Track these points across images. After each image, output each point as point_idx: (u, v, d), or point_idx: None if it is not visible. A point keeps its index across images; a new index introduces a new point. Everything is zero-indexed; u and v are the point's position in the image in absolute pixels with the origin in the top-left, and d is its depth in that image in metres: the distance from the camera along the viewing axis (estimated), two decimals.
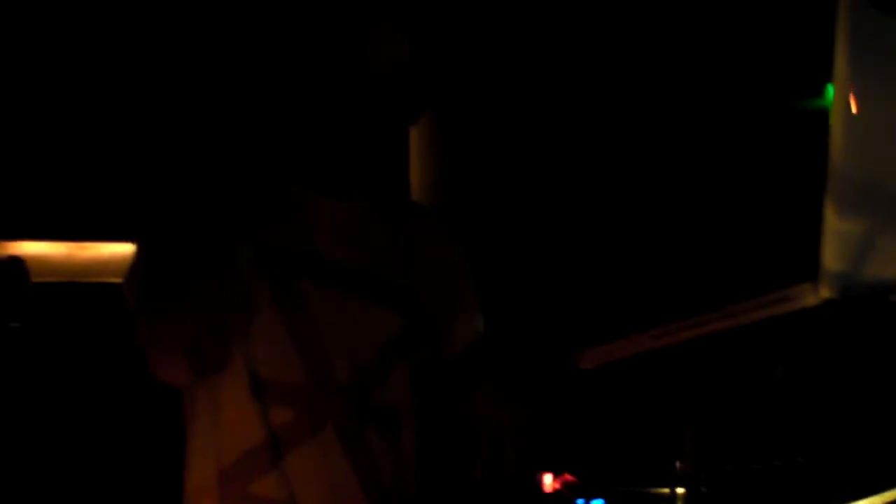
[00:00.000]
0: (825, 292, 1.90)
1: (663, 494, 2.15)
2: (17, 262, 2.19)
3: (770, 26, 3.01)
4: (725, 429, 2.30)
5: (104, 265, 3.11)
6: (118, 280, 3.48)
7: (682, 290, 1.97)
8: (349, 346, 2.22)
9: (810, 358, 2.24)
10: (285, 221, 2.22)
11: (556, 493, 2.21)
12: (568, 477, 2.25)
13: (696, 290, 1.97)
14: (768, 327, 1.98)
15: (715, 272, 1.96)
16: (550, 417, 2.50)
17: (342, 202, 2.26)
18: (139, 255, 2.13)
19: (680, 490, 2.12)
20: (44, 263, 3.00)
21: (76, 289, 3.04)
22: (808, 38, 2.96)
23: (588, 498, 1.99)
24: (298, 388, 2.18)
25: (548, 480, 2.22)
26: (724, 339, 2.05)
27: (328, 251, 2.23)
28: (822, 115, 1.98)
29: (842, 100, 1.96)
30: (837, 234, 1.90)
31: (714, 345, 2.07)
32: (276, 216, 2.21)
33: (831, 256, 1.91)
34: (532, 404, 2.43)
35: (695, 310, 2.01)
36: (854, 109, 1.97)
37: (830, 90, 3.03)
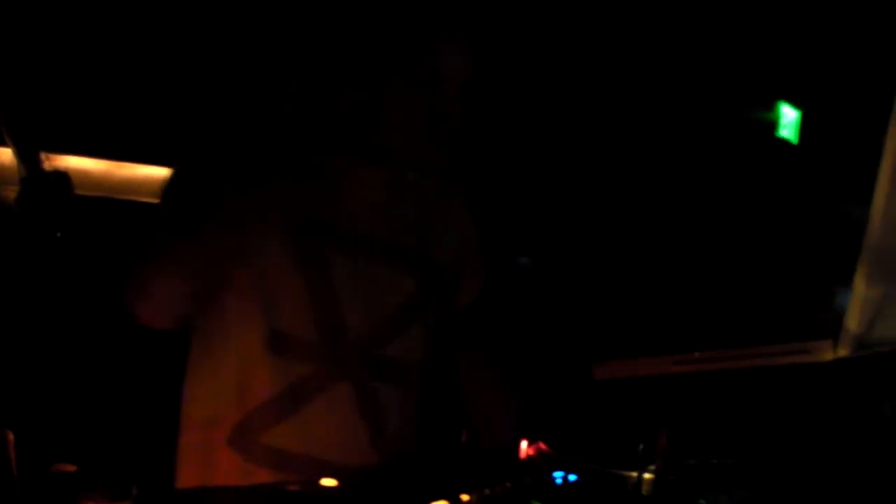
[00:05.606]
0: (842, 351, 1.97)
1: (631, 477, 2.17)
2: (61, 174, 2.28)
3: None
4: (697, 430, 2.36)
5: (138, 185, 3.23)
6: (148, 199, 3.60)
7: (705, 324, 2.04)
8: (365, 307, 2.34)
9: (810, 403, 2.31)
10: (318, 190, 2.31)
11: (528, 459, 2.26)
12: (542, 446, 2.29)
13: (717, 325, 2.03)
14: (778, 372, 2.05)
15: (740, 313, 2.03)
16: (538, 396, 2.58)
17: (373, 169, 2.35)
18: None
19: (647, 475, 2.16)
20: (85, 177, 3.11)
21: (111, 204, 3.16)
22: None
23: (566, 471, 2.05)
24: (315, 344, 2.29)
25: (523, 446, 2.28)
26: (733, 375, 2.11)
27: (354, 221, 2.34)
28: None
29: (889, 172, 2.02)
30: (864, 299, 1.96)
31: (717, 376, 2.13)
32: (310, 185, 2.30)
33: (855, 319, 1.98)
34: (522, 386, 2.52)
35: (711, 343, 2.06)
36: None
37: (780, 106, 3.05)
